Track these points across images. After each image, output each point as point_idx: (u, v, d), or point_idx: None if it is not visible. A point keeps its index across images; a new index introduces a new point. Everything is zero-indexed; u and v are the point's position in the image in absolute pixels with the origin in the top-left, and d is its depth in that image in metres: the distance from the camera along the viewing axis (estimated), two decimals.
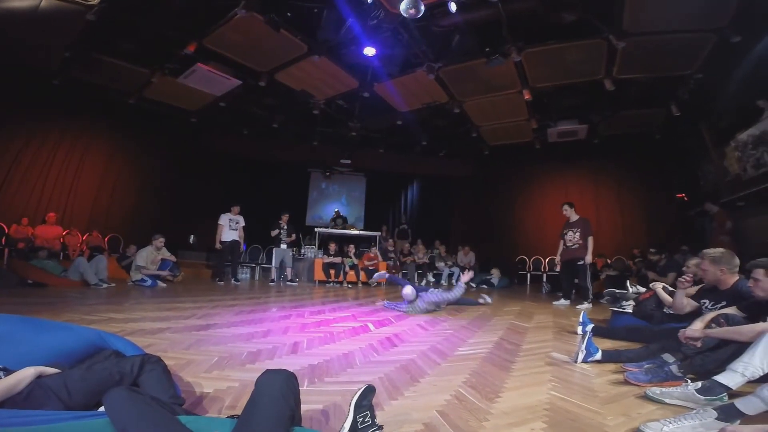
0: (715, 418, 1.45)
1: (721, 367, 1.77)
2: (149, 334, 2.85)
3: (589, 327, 2.69)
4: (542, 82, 7.36)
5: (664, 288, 3.39)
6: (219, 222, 7.70)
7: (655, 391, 1.81)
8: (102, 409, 1.37)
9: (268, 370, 1.25)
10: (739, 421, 1.46)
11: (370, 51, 6.30)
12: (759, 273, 2.08)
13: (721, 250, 2.61)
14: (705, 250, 2.67)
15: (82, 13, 5.42)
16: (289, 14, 5.86)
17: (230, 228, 7.70)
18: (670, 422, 1.45)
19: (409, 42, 6.24)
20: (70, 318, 3.33)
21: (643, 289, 3.87)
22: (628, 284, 4.15)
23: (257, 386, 1.19)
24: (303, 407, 1.63)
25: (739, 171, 6.83)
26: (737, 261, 2.51)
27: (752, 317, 2.15)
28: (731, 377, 1.67)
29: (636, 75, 6.92)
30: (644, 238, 9.56)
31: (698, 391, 1.70)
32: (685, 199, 9.02)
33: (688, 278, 2.65)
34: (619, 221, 10.24)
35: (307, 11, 5.87)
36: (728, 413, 1.47)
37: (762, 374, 1.63)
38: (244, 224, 7.90)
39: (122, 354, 1.69)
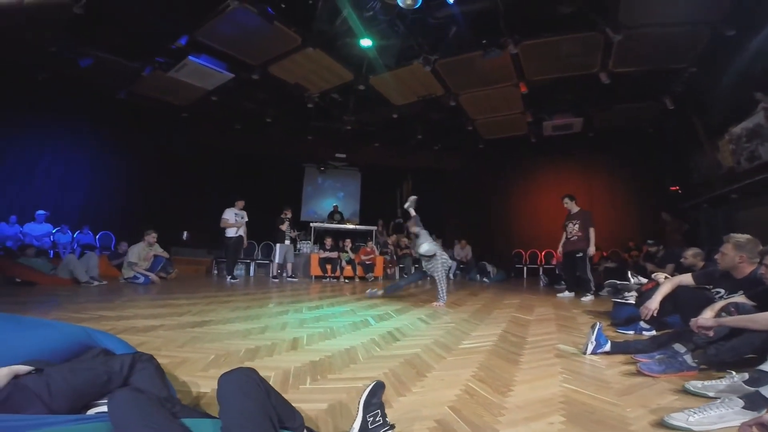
0: (742, 407, 1.40)
1: (737, 358, 1.71)
2: (141, 332, 2.75)
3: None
4: (538, 75, 7.30)
5: (666, 278, 3.35)
6: (224, 216, 7.39)
7: (695, 384, 1.74)
8: (91, 412, 1.27)
9: (222, 374, 1.17)
10: (766, 410, 1.41)
11: (366, 42, 6.20)
12: None
13: (747, 236, 2.48)
14: (732, 234, 2.54)
15: (69, 7, 5.23)
16: (283, 5, 5.73)
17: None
18: (695, 412, 1.39)
19: (405, 33, 6.14)
20: (58, 316, 3.21)
21: (645, 280, 3.84)
22: (629, 275, 4.12)
23: (217, 393, 1.12)
24: (306, 406, 1.55)
25: (733, 164, 6.84)
26: (760, 250, 2.39)
27: (763, 305, 2.09)
28: None
29: (631, 68, 6.89)
30: (638, 230, 9.61)
31: (746, 382, 1.64)
32: (679, 192, 9.06)
33: None
34: (613, 214, 10.26)
35: (301, 2, 5.73)
36: (755, 401, 1.43)
37: None
38: (247, 219, 7.63)
39: (111, 352, 1.58)
